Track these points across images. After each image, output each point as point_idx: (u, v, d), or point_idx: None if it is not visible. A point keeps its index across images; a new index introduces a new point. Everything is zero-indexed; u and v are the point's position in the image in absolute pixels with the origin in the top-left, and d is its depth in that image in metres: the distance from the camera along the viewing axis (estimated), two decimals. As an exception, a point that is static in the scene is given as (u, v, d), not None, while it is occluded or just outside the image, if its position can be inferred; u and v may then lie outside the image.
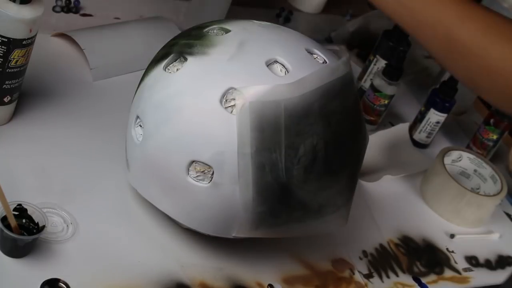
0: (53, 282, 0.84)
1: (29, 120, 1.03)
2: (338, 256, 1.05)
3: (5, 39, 0.92)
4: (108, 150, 1.03)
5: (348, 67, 0.92)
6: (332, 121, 0.88)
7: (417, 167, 1.26)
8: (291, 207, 0.89)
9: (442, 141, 1.37)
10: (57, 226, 0.91)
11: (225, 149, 0.85)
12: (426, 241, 1.16)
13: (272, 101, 0.84)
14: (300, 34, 0.96)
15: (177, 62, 0.90)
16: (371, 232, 1.12)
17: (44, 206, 0.91)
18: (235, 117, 0.84)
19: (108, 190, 0.98)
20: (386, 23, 1.44)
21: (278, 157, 0.85)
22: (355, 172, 0.94)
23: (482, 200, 1.19)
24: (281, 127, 0.85)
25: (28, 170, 0.96)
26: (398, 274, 1.08)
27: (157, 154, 0.88)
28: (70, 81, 1.12)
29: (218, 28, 0.92)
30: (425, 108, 1.31)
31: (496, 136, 1.31)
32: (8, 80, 0.96)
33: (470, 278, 1.13)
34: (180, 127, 0.86)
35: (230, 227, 0.89)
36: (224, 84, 0.86)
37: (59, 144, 1.02)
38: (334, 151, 0.89)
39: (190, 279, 0.92)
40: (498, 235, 1.22)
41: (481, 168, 1.25)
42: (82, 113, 1.08)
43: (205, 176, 0.86)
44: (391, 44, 1.32)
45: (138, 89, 0.94)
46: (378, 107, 1.28)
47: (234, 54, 0.88)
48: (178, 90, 0.87)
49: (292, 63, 0.88)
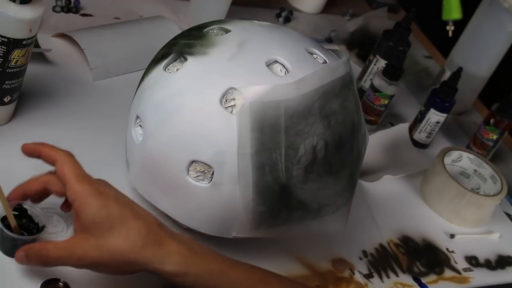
0: (53, 282, 0.84)
1: (29, 120, 1.03)
2: (338, 256, 1.05)
3: (5, 39, 0.92)
4: (108, 150, 1.03)
5: (348, 67, 0.92)
6: (332, 121, 0.88)
7: (417, 167, 1.26)
8: (291, 207, 0.89)
9: (442, 141, 1.37)
10: (57, 226, 0.91)
11: (225, 149, 0.85)
12: (426, 241, 1.16)
13: (272, 101, 0.84)
14: (300, 34, 0.96)
15: (177, 62, 0.90)
16: (371, 232, 1.12)
17: (44, 206, 0.91)
18: (235, 117, 0.84)
19: (108, 190, 0.98)
20: (386, 23, 1.44)
21: (278, 157, 0.85)
22: (355, 172, 0.94)
23: (482, 200, 1.19)
24: (281, 127, 0.85)
25: (28, 170, 0.96)
26: (398, 274, 1.08)
27: (157, 154, 0.88)
28: (70, 81, 1.12)
29: (218, 28, 0.92)
30: (425, 108, 1.31)
31: (496, 136, 1.31)
32: (8, 80, 0.96)
33: (470, 278, 1.13)
34: (180, 127, 0.86)
35: (230, 227, 0.89)
36: (224, 84, 0.86)
37: (59, 144, 1.01)
38: (334, 151, 0.89)
39: (190, 279, 0.92)
40: (498, 235, 1.22)
41: (481, 168, 1.25)
42: (82, 113, 1.08)
43: (205, 176, 0.87)
44: (391, 44, 1.32)
45: (138, 89, 0.94)
46: (378, 107, 1.28)
47: (234, 54, 0.88)
48: (178, 90, 0.87)
49: (292, 63, 0.88)
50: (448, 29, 1.30)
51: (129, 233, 0.77)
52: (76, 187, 0.79)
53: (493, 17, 1.35)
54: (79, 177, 0.80)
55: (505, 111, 1.29)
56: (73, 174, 0.80)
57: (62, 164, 0.81)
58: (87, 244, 0.77)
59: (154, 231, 0.79)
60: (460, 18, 1.29)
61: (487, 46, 1.39)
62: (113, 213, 0.78)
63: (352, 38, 1.51)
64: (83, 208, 0.78)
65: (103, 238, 0.77)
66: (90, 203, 0.78)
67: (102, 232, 0.77)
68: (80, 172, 0.81)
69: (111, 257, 0.77)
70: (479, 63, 1.41)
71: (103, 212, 0.78)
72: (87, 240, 0.77)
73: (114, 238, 0.77)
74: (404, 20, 1.34)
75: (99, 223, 0.77)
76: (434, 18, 1.41)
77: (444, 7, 1.29)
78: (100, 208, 0.78)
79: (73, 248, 0.78)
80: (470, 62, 1.39)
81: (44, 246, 0.79)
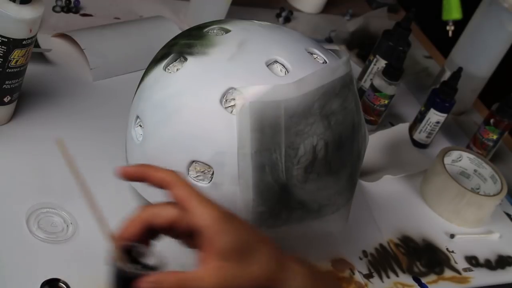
0: (53, 282, 0.84)
1: (29, 120, 1.03)
2: (338, 256, 1.05)
3: (5, 39, 0.92)
4: (108, 150, 1.03)
5: (348, 67, 0.92)
6: (332, 121, 0.88)
7: (417, 167, 1.26)
8: (291, 207, 0.89)
9: (442, 141, 1.37)
10: (57, 226, 0.91)
11: (225, 149, 0.85)
12: (426, 241, 1.16)
13: (272, 101, 0.84)
14: (300, 34, 0.96)
15: (177, 62, 0.90)
16: (371, 232, 1.12)
17: (44, 206, 0.91)
18: (235, 117, 0.84)
19: (108, 190, 0.98)
20: (386, 23, 1.44)
21: (278, 157, 0.85)
22: (355, 172, 0.94)
23: (482, 200, 1.19)
24: (281, 127, 0.85)
25: (28, 170, 0.96)
26: (398, 274, 1.08)
27: (157, 154, 0.88)
28: (70, 81, 1.13)
29: (218, 28, 0.92)
30: (425, 108, 1.31)
31: (496, 136, 1.31)
32: (8, 80, 0.96)
33: (470, 278, 1.13)
34: (180, 127, 0.86)
35: (230, 227, 0.89)
36: (224, 84, 0.86)
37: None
38: (334, 151, 0.89)
39: (190, 279, 0.92)
40: (498, 235, 1.22)
41: (481, 168, 1.25)
42: (82, 113, 1.08)
43: (205, 176, 0.87)
44: (391, 44, 1.32)
45: (138, 89, 0.94)
46: (378, 107, 1.28)
47: (234, 54, 0.87)
48: (178, 90, 0.87)
49: (292, 63, 0.88)
50: (448, 29, 1.30)
51: (264, 258, 0.73)
52: (205, 213, 0.71)
53: (493, 17, 1.35)
54: (203, 201, 0.72)
55: (505, 111, 1.29)
56: (196, 199, 0.71)
57: (178, 187, 0.72)
58: (228, 273, 0.71)
59: (279, 253, 0.75)
60: (460, 18, 1.29)
61: (487, 46, 1.39)
62: (248, 238, 0.72)
63: (352, 38, 1.51)
64: (220, 235, 0.70)
65: (242, 266, 0.71)
66: (227, 229, 0.71)
67: (241, 259, 0.71)
68: (201, 195, 0.72)
69: (249, 285, 0.72)
70: (479, 63, 1.41)
71: (241, 238, 0.72)
72: (226, 270, 0.71)
73: (252, 265, 0.72)
74: (404, 20, 1.34)
75: (238, 249, 0.71)
76: (434, 18, 1.41)
77: (444, 7, 1.29)
78: (237, 234, 0.72)
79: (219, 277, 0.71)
80: (470, 62, 1.39)
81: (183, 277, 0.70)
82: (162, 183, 0.73)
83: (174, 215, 0.72)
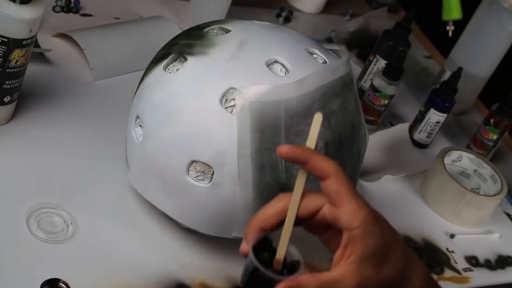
0: (53, 282, 0.84)
1: (29, 120, 1.03)
2: (338, 256, 1.05)
3: (5, 39, 0.92)
4: (108, 150, 1.03)
5: (348, 67, 0.92)
6: (332, 121, 0.88)
7: (417, 167, 1.26)
8: (291, 207, 0.88)
9: (442, 141, 1.37)
10: (57, 226, 0.91)
11: (225, 149, 0.85)
12: (426, 241, 1.16)
13: (272, 101, 0.84)
14: (300, 34, 0.96)
15: (177, 62, 0.90)
16: (371, 232, 1.12)
17: (44, 206, 0.91)
18: (235, 117, 0.84)
19: (108, 190, 0.99)
20: (386, 23, 1.44)
21: (278, 157, 0.85)
22: (355, 172, 0.94)
23: (482, 200, 1.19)
24: (281, 127, 0.85)
25: (28, 170, 0.96)
26: (398, 274, 1.07)
27: (157, 154, 0.88)
28: (70, 81, 1.13)
29: (218, 28, 0.92)
30: (425, 108, 1.31)
31: (496, 136, 1.31)
32: (8, 80, 0.96)
33: (470, 278, 1.13)
34: (180, 127, 0.86)
35: (230, 227, 0.89)
36: (224, 84, 0.86)
37: (59, 144, 1.02)
38: (334, 151, 0.89)
39: (190, 279, 0.92)
40: (498, 235, 1.22)
41: (481, 168, 1.25)
42: (82, 113, 1.08)
43: (205, 176, 0.87)
44: (391, 44, 1.32)
45: (138, 89, 0.94)
46: (378, 107, 1.28)
47: (234, 54, 0.87)
48: (178, 90, 0.87)
49: (292, 63, 0.88)
50: (448, 29, 1.30)
51: (397, 258, 0.73)
52: (357, 212, 0.70)
53: (493, 17, 1.35)
54: (358, 200, 0.71)
55: (505, 111, 1.29)
56: (352, 196, 0.71)
57: (337, 181, 0.70)
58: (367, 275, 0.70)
59: (408, 251, 0.75)
60: (460, 18, 1.29)
61: (487, 46, 1.39)
62: (387, 240, 0.72)
63: (352, 38, 1.51)
64: (366, 238, 0.70)
65: (379, 267, 0.71)
66: (374, 232, 0.71)
67: (379, 261, 0.71)
68: (356, 192, 0.71)
69: (383, 285, 0.72)
70: (479, 63, 1.41)
71: (383, 241, 0.72)
72: (366, 272, 0.70)
73: (387, 266, 0.72)
74: (404, 20, 1.34)
75: (379, 252, 0.71)
76: (434, 18, 1.41)
77: (444, 7, 1.29)
78: (381, 237, 0.71)
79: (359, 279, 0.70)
80: (470, 62, 1.39)
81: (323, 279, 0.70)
82: (323, 173, 0.70)
83: (322, 206, 0.71)
